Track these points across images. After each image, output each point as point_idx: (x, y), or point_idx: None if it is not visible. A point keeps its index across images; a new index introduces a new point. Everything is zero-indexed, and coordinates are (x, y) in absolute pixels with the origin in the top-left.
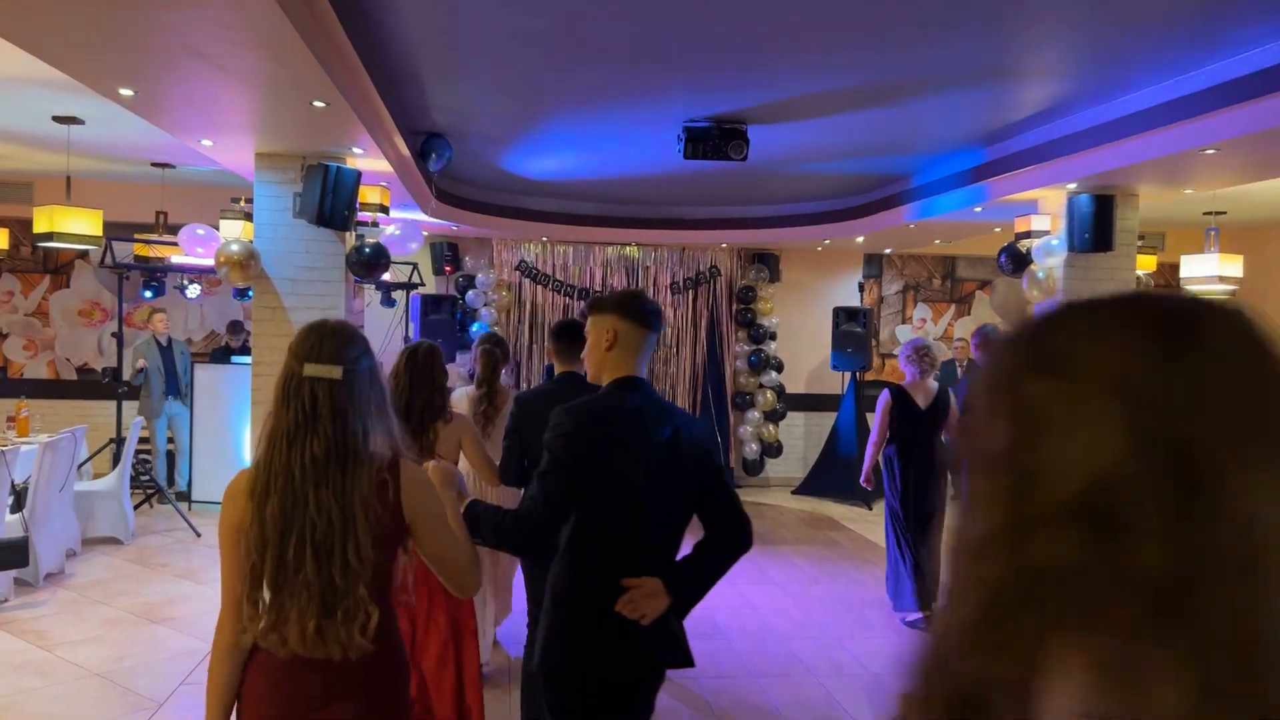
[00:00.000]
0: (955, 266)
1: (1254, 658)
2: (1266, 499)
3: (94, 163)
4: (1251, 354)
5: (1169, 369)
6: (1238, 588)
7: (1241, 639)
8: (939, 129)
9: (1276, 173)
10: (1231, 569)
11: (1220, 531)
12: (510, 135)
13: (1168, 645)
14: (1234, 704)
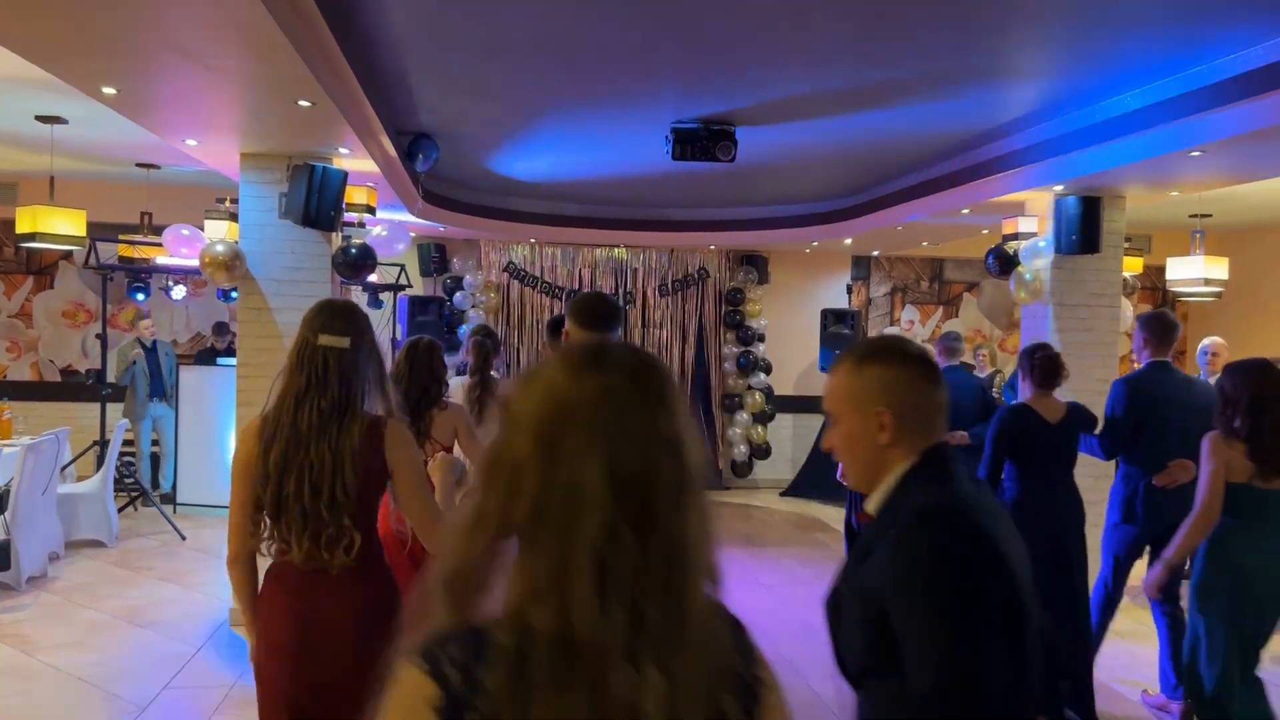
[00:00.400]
0: (943, 269)
1: (565, 572)
2: (582, 464)
3: (78, 163)
4: (618, 381)
5: (567, 385)
6: (567, 519)
7: (561, 553)
8: (926, 131)
9: (1262, 175)
10: (560, 505)
11: (560, 479)
12: (498, 136)
13: (527, 551)
14: (544, 601)
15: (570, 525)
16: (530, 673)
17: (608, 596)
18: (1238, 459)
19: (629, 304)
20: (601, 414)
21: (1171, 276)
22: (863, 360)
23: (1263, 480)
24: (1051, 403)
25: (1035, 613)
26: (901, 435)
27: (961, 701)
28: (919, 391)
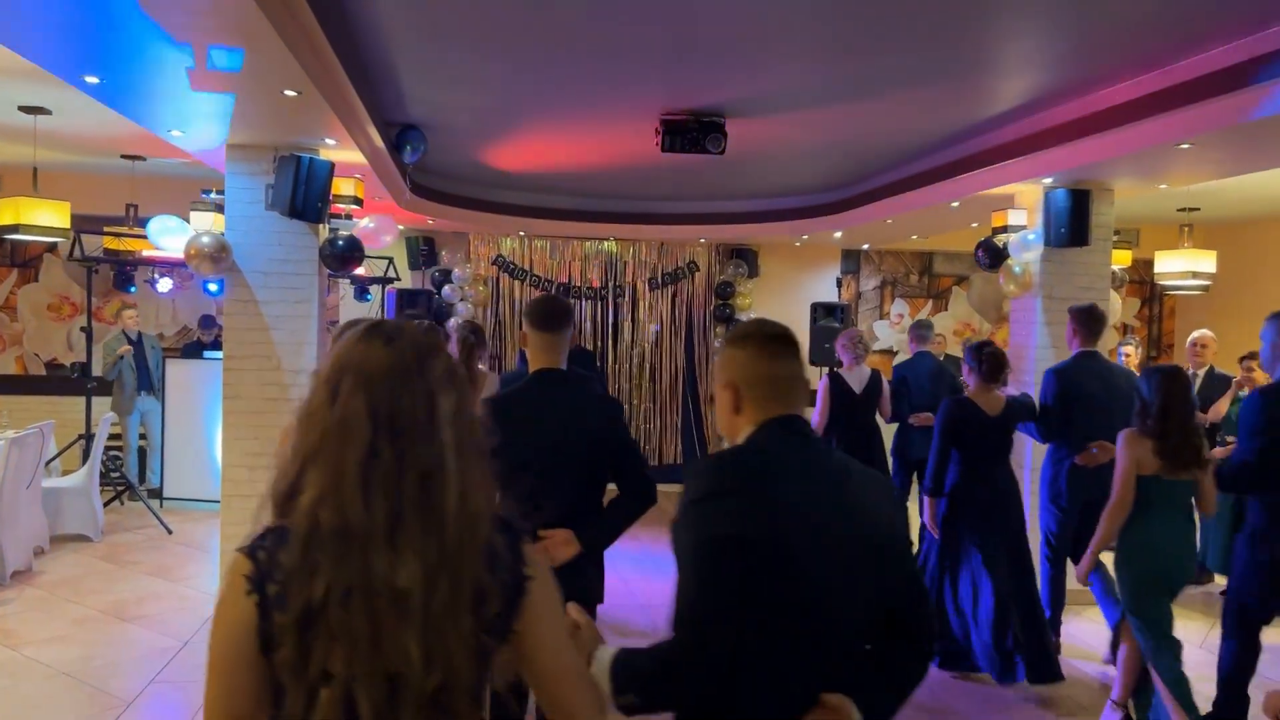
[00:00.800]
0: (932, 262)
1: (340, 481)
2: (352, 404)
3: (62, 154)
4: (385, 350)
5: (349, 350)
6: (341, 443)
7: (338, 467)
8: (916, 124)
9: (1250, 168)
10: (336, 432)
11: (337, 415)
12: (486, 127)
13: (318, 468)
14: (326, 503)
15: (343, 447)
16: (314, 553)
17: (370, 499)
18: (1147, 454)
19: (619, 297)
20: (366, 370)
21: (1160, 270)
22: (724, 343)
23: (1169, 473)
24: (993, 397)
25: (835, 580)
26: (745, 406)
27: (682, 645)
28: (757, 368)
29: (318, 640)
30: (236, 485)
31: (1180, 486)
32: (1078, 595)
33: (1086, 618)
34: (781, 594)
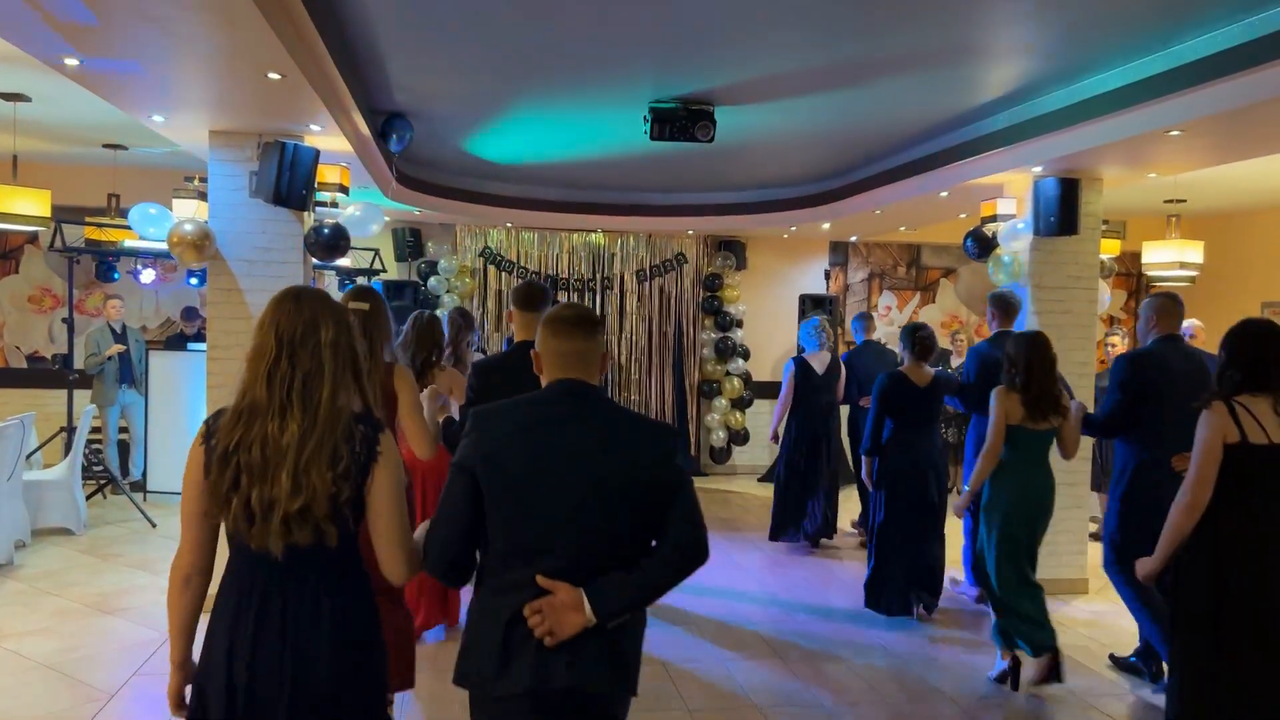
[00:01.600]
0: (920, 254)
1: (255, 379)
2: (266, 332)
3: (42, 143)
4: (292, 301)
5: (272, 304)
6: (257, 356)
7: (254, 371)
8: (905, 112)
9: (1239, 156)
10: (256, 350)
11: (256, 340)
12: (473, 116)
13: (249, 373)
14: (248, 391)
15: (259, 361)
16: (237, 419)
17: (271, 390)
18: (1015, 406)
19: (607, 289)
20: (277, 316)
21: (1147, 260)
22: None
23: (1032, 423)
24: (923, 372)
25: (531, 493)
26: (545, 369)
27: (432, 523)
28: (548, 343)
29: (229, 469)
30: None
31: (1042, 434)
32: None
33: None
34: (503, 504)
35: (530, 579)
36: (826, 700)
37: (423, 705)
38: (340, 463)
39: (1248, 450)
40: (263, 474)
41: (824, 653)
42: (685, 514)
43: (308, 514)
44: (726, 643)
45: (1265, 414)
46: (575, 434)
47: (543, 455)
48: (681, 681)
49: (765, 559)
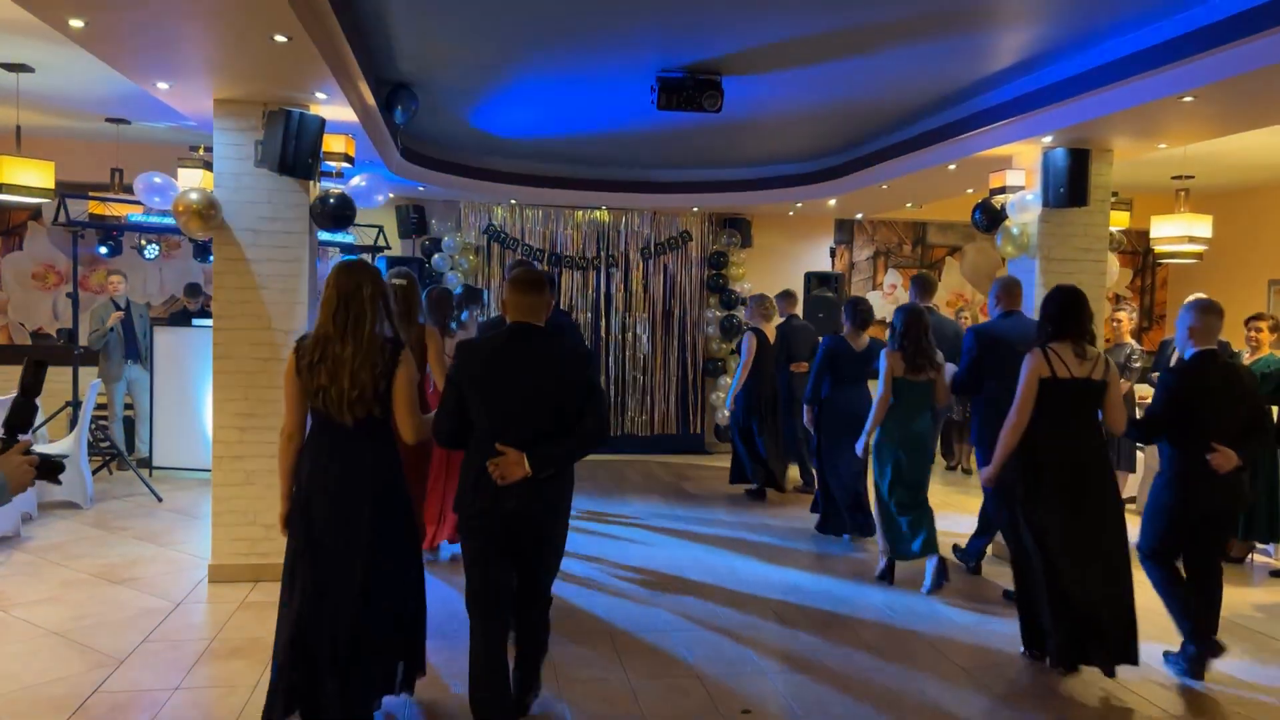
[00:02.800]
0: (926, 232)
1: (326, 319)
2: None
3: (46, 117)
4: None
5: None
6: (325, 306)
7: (327, 315)
8: (914, 83)
9: (1250, 124)
10: (326, 303)
11: (325, 295)
12: (478, 86)
13: (322, 315)
14: (322, 326)
15: (326, 307)
16: (313, 343)
17: (335, 326)
18: (898, 363)
19: (612, 266)
20: (337, 277)
21: (1156, 234)
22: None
23: (912, 375)
24: (860, 339)
25: (500, 408)
26: (507, 316)
27: (435, 417)
28: (510, 296)
29: (314, 375)
30: (228, 446)
31: (921, 385)
32: None
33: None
34: (476, 409)
35: (493, 446)
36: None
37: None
38: (377, 368)
39: (1057, 383)
40: (334, 376)
41: (837, 619)
42: (593, 409)
43: (361, 399)
44: (730, 610)
45: (1068, 356)
46: (523, 359)
47: (501, 373)
48: (689, 649)
49: (771, 534)
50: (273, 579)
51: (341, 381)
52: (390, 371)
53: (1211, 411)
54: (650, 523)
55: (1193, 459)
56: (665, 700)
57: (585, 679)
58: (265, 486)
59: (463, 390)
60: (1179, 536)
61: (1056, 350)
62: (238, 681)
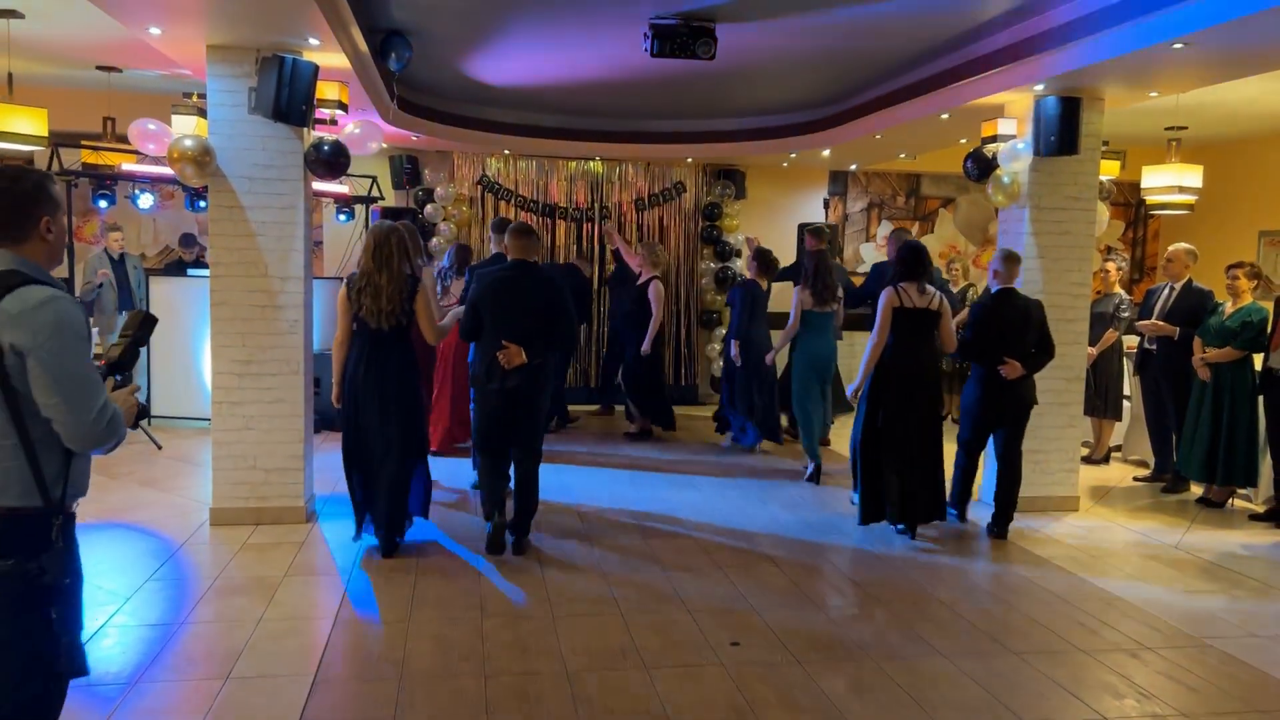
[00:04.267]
0: (919, 184)
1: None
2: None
3: (37, 65)
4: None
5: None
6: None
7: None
8: (907, 31)
9: (1240, 72)
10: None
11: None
12: (471, 33)
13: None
14: (362, 266)
15: (366, 254)
16: (360, 277)
17: (374, 262)
18: (807, 297)
19: (605, 218)
20: (374, 232)
21: (1146, 184)
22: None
23: (817, 307)
24: (765, 283)
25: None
26: (508, 252)
27: (460, 321)
28: (510, 241)
29: (361, 296)
30: (226, 393)
31: (825, 315)
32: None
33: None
34: (488, 318)
35: (500, 342)
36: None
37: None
38: (403, 292)
39: (905, 311)
40: (375, 297)
41: (821, 562)
42: (565, 320)
43: (392, 312)
44: (724, 553)
45: (913, 292)
46: (519, 285)
47: (504, 295)
48: (679, 585)
49: (760, 481)
50: (273, 522)
51: (380, 301)
52: (412, 294)
53: (1005, 335)
54: (643, 467)
55: (991, 370)
56: (657, 632)
57: (579, 614)
58: (264, 432)
59: (479, 305)
60: (983, 429)
61: (905, 288)
62: (241, 617)
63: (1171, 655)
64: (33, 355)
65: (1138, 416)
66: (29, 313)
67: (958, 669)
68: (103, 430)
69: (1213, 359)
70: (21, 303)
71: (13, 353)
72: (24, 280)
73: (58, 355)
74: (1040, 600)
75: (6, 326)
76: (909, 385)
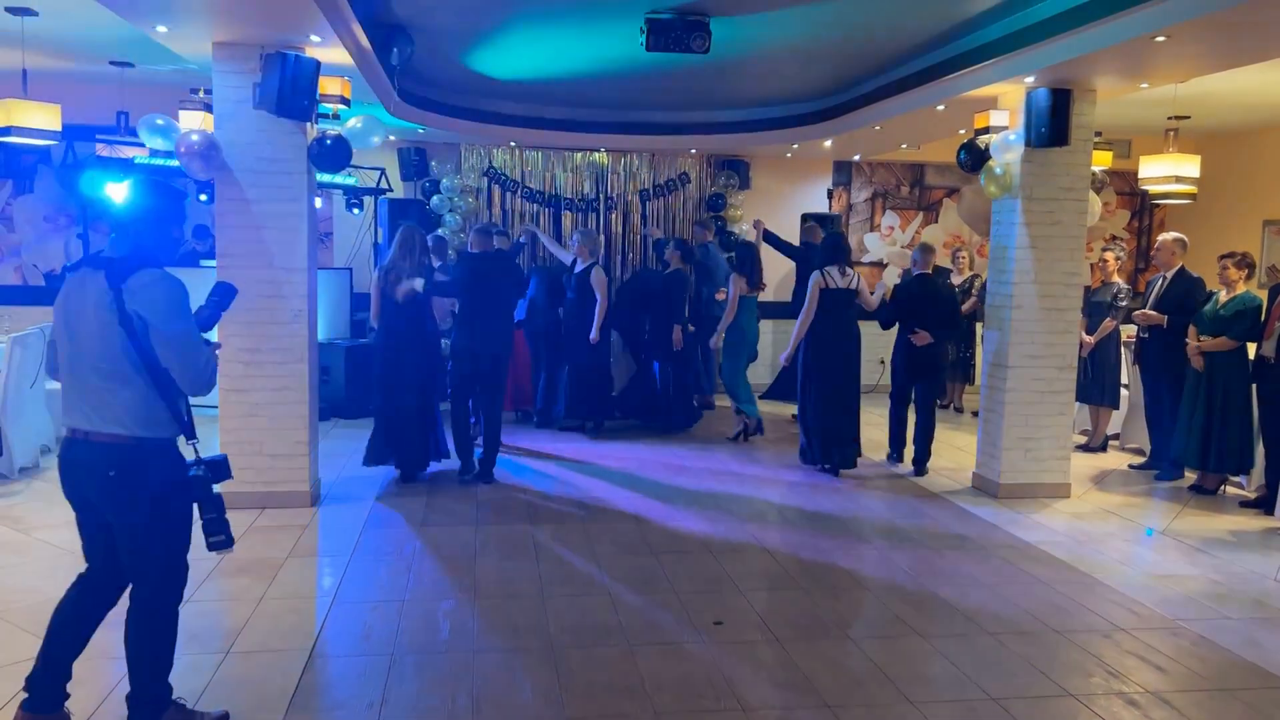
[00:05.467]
0: (924, 174)
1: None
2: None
3: (51, 60)
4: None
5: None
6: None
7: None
8: (901, 23)
9: (1232, 63)
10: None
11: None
12: (470, 28)
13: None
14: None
15: (398, 246)
16: (388, 265)
17: (400, 255)
18: (743, 285)
19: (611, 209)
20: (401, 231)
21: (1144, 174)
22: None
23: (751, 293)
24: (686, 268)
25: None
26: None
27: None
28: (472, 240)
29: (386, 278)
30: (233, 381)
31: (754, 299)
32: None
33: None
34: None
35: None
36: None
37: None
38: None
39: (829, 291)
40: (397, 280)
41: (809, 545)
42: (519, 295)
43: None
44: (716, 540)
45: (836, 274)
46: (491, 268)
47: (480, 275)
48: (669, 563)
49: (765, 469)
50: (279, 506)
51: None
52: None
53: (917, 311)
54: (641, 455)
55: (905, 337)
56: (641, 612)
57: (567, 594)
58: (270, 419)
59: (461, 282)
60: (904, 384)
61: (829, 271)
62: (244, 596)
63: (1144, 636)
64: (151, 321)
65: (1136, 405)
66: (145, 288)
67: (932, 648)
68: (207, 379)
69: (1207, 348)
70: (140, 281)
71: (138, 319)
72: (140, 263)
73: (169, 321)
74: (1020, 583)
75: (132, 300)
76: (837, 350)
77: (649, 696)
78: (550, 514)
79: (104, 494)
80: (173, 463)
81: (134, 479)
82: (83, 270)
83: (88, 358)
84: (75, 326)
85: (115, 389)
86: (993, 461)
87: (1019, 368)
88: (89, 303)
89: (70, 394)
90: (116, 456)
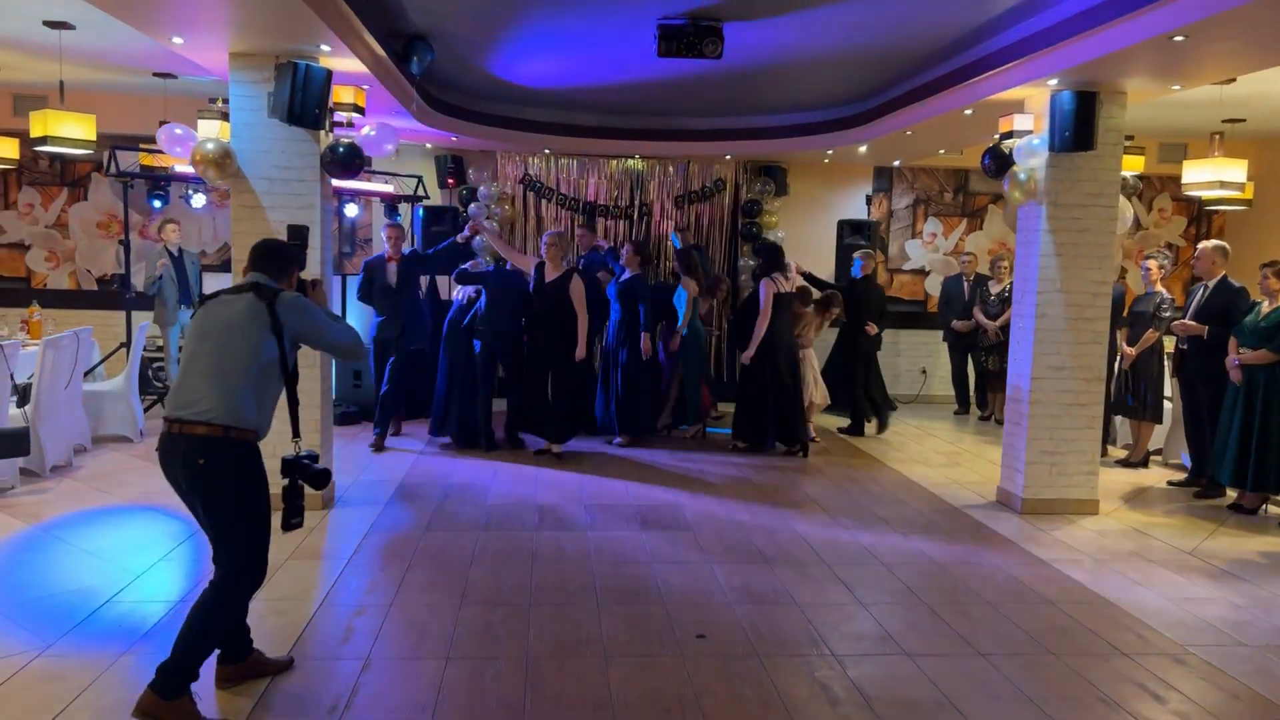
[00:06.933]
0: (968, 180)
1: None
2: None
3: (92, 72)
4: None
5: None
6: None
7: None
8: (923, 26)
9: (1264, 62)
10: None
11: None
12: (488, 35)
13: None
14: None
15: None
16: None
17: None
18: (696, 289)
19: (646, 215)
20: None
21: (1187, 180)
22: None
23: (702, 298)
24: (645, 272)
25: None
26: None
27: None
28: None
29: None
30: None
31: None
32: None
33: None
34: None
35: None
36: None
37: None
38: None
39: (781, 296)
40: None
41: (813, 543)
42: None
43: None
44: (718, 550)
45: (782, 279)
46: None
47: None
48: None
49: (792, 468)
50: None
51: None
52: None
53: (859, 307)
54: (667, 468)
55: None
56: (626, 624)
57: (554, 603)
58: (281, 421)
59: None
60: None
61: (776, 277)
62: None
63: (1146, 663)
64: (300, 327)
65: (1178, 419)
66: (291, 305)
67: (917, 668)
68: (355, 341)
69: (1246, 361)
70: (285, 302)
71: (288, 328)
72: (278, 289)
73: (311, 322)
74: (1026, 603)
75: (284, 315)
76: (784, 344)
77: (614, 711)
78: (555, 522)
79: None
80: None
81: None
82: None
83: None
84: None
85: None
86: (1015, 475)
87: (1043, 379)
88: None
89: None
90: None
